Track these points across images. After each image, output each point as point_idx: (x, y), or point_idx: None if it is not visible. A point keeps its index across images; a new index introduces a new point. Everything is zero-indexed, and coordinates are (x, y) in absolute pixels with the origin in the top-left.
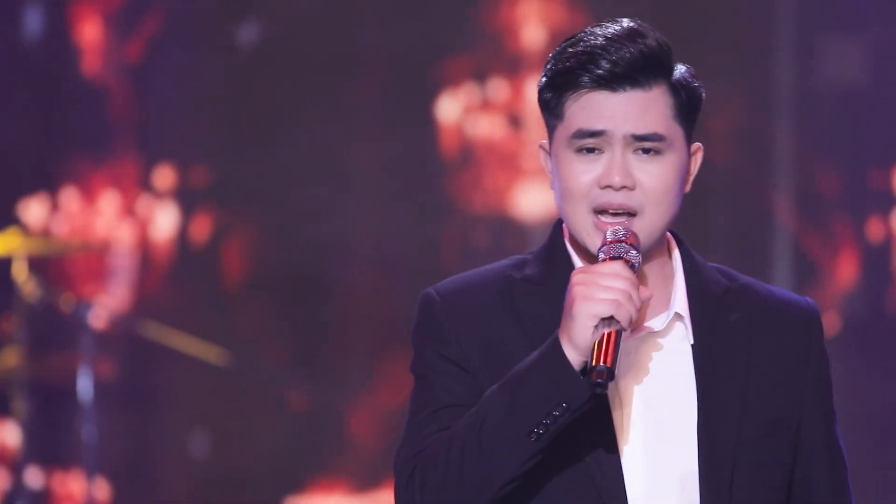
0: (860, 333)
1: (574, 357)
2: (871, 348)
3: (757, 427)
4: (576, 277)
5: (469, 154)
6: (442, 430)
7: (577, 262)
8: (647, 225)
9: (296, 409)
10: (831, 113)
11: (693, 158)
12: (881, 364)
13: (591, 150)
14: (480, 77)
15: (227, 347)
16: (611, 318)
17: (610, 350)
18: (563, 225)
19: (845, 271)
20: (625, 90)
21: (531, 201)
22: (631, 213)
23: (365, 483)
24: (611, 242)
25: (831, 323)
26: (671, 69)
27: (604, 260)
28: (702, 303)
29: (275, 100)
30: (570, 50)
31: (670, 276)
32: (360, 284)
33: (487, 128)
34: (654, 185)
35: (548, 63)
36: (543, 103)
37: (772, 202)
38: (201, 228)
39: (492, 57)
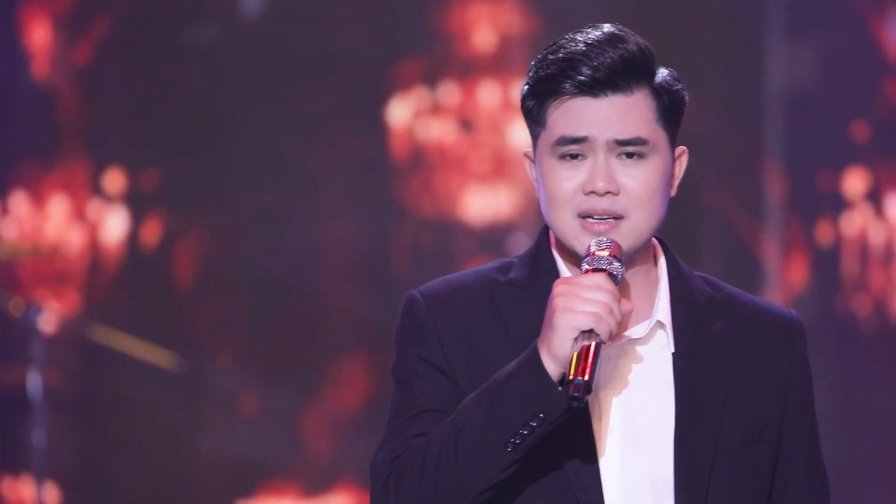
0: (810, 336)
1: (552, 368)
2: (821, 351)
3: (735, 437)
4: (557, 289)
5: (420, 158)
6: (420, 435)
7: (563, 267)
8: (633, 229)
9: (248, 413)
10: (780, 116)
11: (678, 162)
12: (831, 366)
13: (574, 157)
14: (431, 81)
15: (178, 351)
16: (591, 330)
17: (588, 363)
18: (550, 231)
19: (795, 274)
20: (606, 95)
21: (482, 205)
22: (617, 217)
23: (316, 487)
24: (594, 254)
25: None
26: (653, 73)
27: (586, 271)
28: (685, 311)
29: (225, 103)
30: (551, 57)
31: (654, 284)
32: (310, 288)
33: (438, 132)
34: (639, 189)
35: (529, 71)
36: (526, 111)
37: (722, 205)
38: (152, 232)
39: (443, 61)
